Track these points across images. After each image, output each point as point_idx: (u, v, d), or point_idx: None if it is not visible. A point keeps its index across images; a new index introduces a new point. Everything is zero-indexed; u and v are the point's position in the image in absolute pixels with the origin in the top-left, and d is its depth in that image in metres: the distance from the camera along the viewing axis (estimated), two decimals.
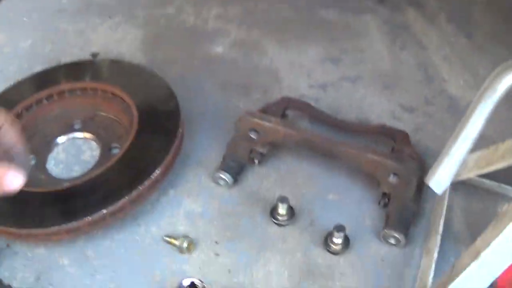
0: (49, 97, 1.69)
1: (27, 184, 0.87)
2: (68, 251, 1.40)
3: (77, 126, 1.67)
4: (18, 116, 1.63)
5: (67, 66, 1.79)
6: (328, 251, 1.37)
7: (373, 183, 1.45)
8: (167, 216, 1.46)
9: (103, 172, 1.44)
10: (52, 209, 1.38)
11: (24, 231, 1.35)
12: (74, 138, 1.66)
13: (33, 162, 1.58)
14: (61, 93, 1.69)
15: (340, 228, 1.33)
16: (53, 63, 1.83)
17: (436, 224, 1.39)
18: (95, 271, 1.36)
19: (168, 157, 1.45)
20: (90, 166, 1.57)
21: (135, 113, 1.56)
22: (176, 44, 2.00)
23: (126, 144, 1.49)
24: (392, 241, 1.36)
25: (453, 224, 1.42)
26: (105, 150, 1.60)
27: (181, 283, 1.25)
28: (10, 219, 1.35)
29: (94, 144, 1.64)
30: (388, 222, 1.37)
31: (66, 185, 1.46)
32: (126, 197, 1.36)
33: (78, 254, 1.40)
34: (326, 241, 1.37)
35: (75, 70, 1.75)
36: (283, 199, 1.39)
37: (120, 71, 1.72)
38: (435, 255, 1.32)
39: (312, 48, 1.91)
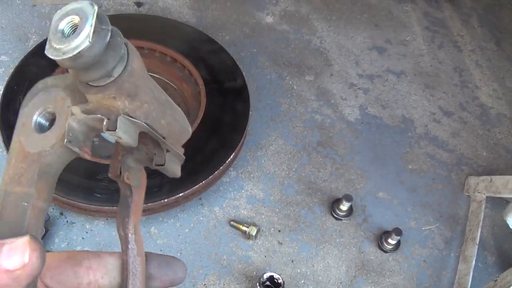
0: None
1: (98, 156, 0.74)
2: None
3: None
4: (63, 71, 1.46)
5: (119, 18, 1.61)
6: (381, 249, 1.38)
7: (419, 186, 1.46)
8: (229, 198, 1.40)
9: None
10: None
11: (93, 207, 1.24)
12: None
13: None
14: None
15: (398, 232, 1.35)
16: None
17: (473, 233, 1.44)
18: (159, 251, 1.29)
19: (241, 141, 1.37)
20: None
21: (201, 85, 1.44)
22: (224, 6, 1.84)
23: (196, 121, 1.38)
24: None
25: (482, 232, 1.46)
26: None
27: (262, 276, 1.22)
28: (79, 194, 1.25)
29: None
30: None
31: None
32: (203, 182, 1.28)
33: (142, 229, 1.32)
34: (381, 239, 1.38)
35: (129, 24, 1.57)
36: (348, 198, 1.37)
37: (183, 36, 1.57)
38: (473, 263, 1.38)
39: (358, 34, 1.85)
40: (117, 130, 0.40)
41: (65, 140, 0.40)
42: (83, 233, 1.31)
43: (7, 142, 1.35)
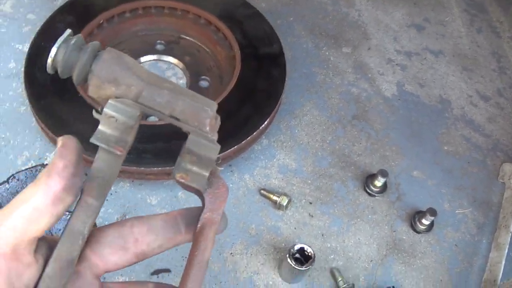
0: (133, 11, 1.45)
1: None
2: (158, 191, 1.26)
3: (159, 48, 1.45)
4: (99, 26, 1.39)
5: None
6: (414, 229, 1.31)
7: (454, 168, 1.39)
8: (260, 167, 1.33)
9: None
10: (152, 147, 1.21)
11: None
12: (158, 60, 1.45)
13: None
14: (146, 8, 1.46)
15: (432, 213, 1.28)
16: None
17: (506, 221, 1.37)
18: None
19: (276, 108, 1.30)
20: None
21: (236, 49, 1.37)
22: None
23: (230, 84, 1.31)
24: None
25: None
26: (193, 81, 1.40)
27: (293, 247, 1.15)
28: None
29: (179, 71, 1.45)
30: None
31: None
32: (235, 146, 1.21)
33: (167, 195, 1.26)
34: (414, 219, 1.31)
35: None
36: (383, 173, 1.30)
37: None
38: (506, 251, 1.32)
39: (397, 10, 1.77)
40: (104, 109, 0.45)
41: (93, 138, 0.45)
42: (107, 195, 1.24)
43: (32, 99, 1.29)
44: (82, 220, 0.46)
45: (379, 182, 1.32)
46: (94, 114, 0.47)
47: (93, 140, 0.45)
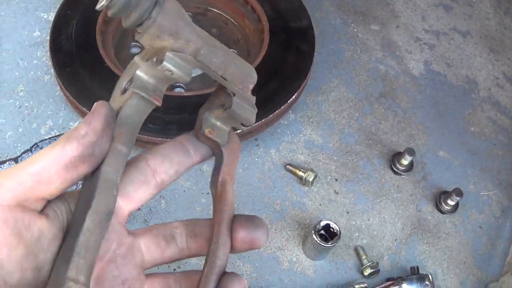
0: None
1: None
2: None
3: None
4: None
5: None
6: (438, 209, 1.29)
7: (480, 150, 1.36)
8: (286, 142, 1.30)
9: None
10: (177, 118, 1.18)
11: (145, 138, 1.16)
12: None
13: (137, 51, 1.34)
14: None
15: (458, 193, 1.25)
16: None
17: None
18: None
19: (304, 82, 1.26)
20: None
21: (265, 22, 1.33)
22: None
23: (258, 58, 1.28)
24: None
25: None
26: None
27: (319, 223, 1.12)
28: None
29: None
30: None
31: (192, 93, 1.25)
32: (262, 120, 1.18)
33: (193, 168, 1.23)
34: (440, 199, 1.29)
35: None
36: (411, 152, 1.27)
37: None
38: None
39: None
40: (164, 63, 0.43)
41: (131, 86, 0.44)
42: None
43: (57, 67, 1.26)
44: (115, 168, 0.45)
45: (405, 160, 1.29)
46: (137, 59, 0.46)
47: (133, 87, 0.44)
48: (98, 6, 0.43)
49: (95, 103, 0.45)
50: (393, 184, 1.30)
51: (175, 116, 1.19)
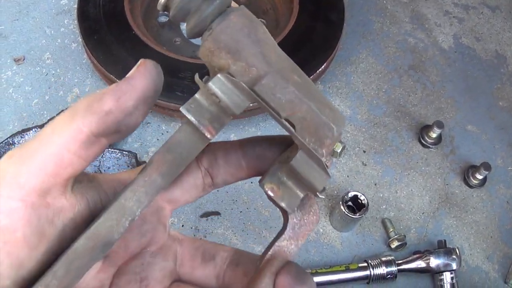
0: None
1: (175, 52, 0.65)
2: (227, 130, 1.20)
3: None
4: None
5: None
6: (466, 183, 1.25)
7: (509, 125, 1.32)
8: None
9: None
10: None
11: (172, 106, 1.13)
12: None
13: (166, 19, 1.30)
14: None
15: (487, 167, 1.21)
16: None
17: None
18: None
19: (333, 53, 1.22)
20: None
21: None
22: None
23: (287, 28, 1.24)
24: None
25: None
26: None
27: (346, 194, 1.09)
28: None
29: None
30: None
31: None
32: None
33: (221, 136, 1.19)
34: (468, 173, 1.25)
35: None
36: (439, 124, 1.23)
37: None
38: None
39: None
40: (209, 84, 0.35)
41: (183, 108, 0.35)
42: (158, 134, 1.19)
43: (85, 35, 1.23)
44: (138, 198, 0.36)
45: (434, 133, 1.25)
46: (196, 78, 0.37)
47: (183, 109, 0.36)
48: (158, 6, 0.37)
49: (140, 61, 0.37)
50: (421, 157, 1.26)
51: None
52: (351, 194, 1.09)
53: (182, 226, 1.12)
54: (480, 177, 1.23)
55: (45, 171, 0.35)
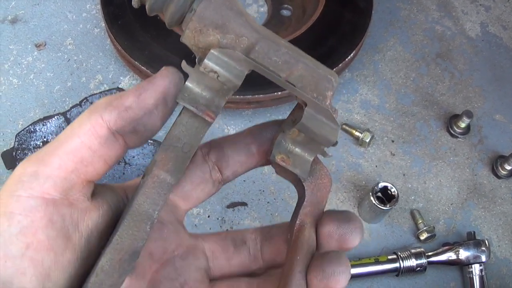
0: None
1: None
2: (236, 120, 1.15)
3: None
4: None
5: None
6: (495, 174, 1.19)
7: None
8: (342, 101, 1.20)
9: (292, 42, 1.12)
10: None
11: None
12: None
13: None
14: None
15: None
16: None
17: None
18: None
19: (362, 40, 1.15)
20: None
21: None
22: None
23: (315, 15, 1.17)
24: None
25: None
26: (275, 9, 1.26)
27: (377, 185, 1.03)
28: None
29: None
30: None
31: None
32: None
33: (246, 126, 1.13)
34: (496, 163, 1.19)
35: None
36: (469, 114, 1.17)
37: None
38: None
39: None
40: (205, 61, 0.33)
41: (178, 98, 0.34)
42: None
43: (108, 20, 1.17)
44: (152, 200, 0.34)
45: (463, 123, 1.19)
46: (184, 65, 0.34)
47: (179, 100, 0.34)
48: (133, 2, 0.35)
49: (163, 68, 0.35)
50: (450, 147, 1.20)
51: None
52: (381, 185, 1.04)
53: (208, 216, 1.07)
54: (508, 167, 1.18)
55: (66, 167, 0.31)
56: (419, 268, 1.03)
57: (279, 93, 1.05)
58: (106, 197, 0.36)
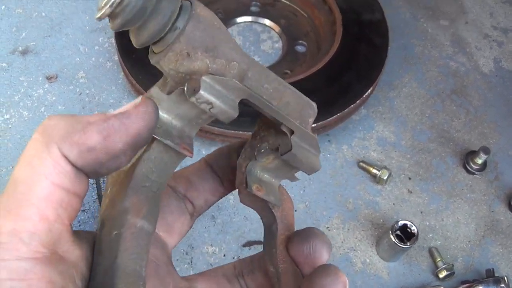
0: None
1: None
2: None
3: (254, 10, 1.31)
4: None
5: None
6: (511, 210, 1.18)
7: None
8: (358, 138, 1.20)
9: (308, 78, 1.12)
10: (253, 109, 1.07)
11: (216, 130, 1.06)
12: (253, 22, 1.30)
13: None
14: None
15: None
16: None
17: None
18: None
19: (379, 76, 1.15)
20: (272, 59, 1.23)
21: (337, 13, 1.22)
22: None
23: (331, 50, 1.17)
24: None
25: None
26: (290, 46, 1.26)
27: (396, 223, 1.02)
28: None
29: (275, 34, 1.31)
30: None
31: None
32: (337, 115, 1.07)
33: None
34: None
35: None
36: (486, 150, 1.17)
37: None
38: None
39: None
40: (200, 92, 0.29)
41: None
42: (197, 158, 1.11)
43: (123, 53, 1.21)
44: (137, 254, 0.30)
45: (480, 159, 1.18)
46: (154, 92, 0.31)
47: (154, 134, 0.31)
48: (98, 15, 0.29)
49: (140, 100, 0.31)
50: (466, 183, 1.19)
51: (249, 108, 1.08)
52: (400, 223, 1.02)
53: (224, 255, 1.05)
54: None
55: (47, 218, 0.27)
56: None
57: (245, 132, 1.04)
58: (86, 236, 0.32)
